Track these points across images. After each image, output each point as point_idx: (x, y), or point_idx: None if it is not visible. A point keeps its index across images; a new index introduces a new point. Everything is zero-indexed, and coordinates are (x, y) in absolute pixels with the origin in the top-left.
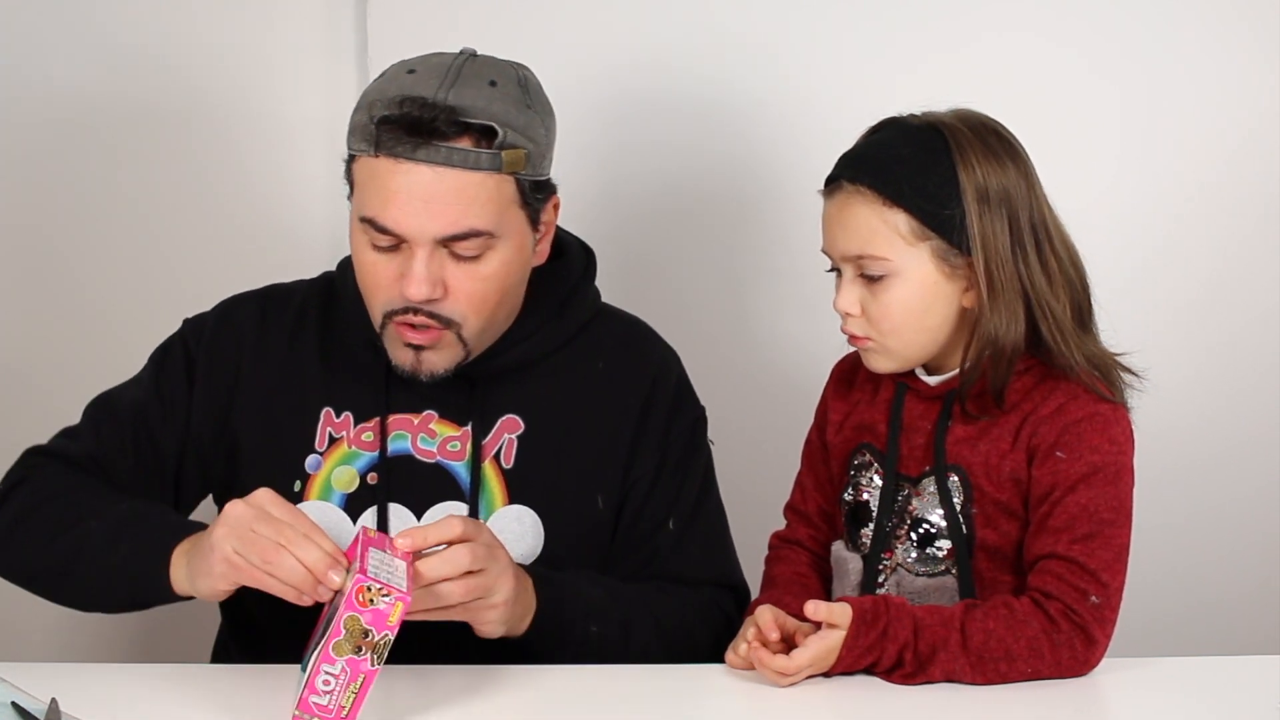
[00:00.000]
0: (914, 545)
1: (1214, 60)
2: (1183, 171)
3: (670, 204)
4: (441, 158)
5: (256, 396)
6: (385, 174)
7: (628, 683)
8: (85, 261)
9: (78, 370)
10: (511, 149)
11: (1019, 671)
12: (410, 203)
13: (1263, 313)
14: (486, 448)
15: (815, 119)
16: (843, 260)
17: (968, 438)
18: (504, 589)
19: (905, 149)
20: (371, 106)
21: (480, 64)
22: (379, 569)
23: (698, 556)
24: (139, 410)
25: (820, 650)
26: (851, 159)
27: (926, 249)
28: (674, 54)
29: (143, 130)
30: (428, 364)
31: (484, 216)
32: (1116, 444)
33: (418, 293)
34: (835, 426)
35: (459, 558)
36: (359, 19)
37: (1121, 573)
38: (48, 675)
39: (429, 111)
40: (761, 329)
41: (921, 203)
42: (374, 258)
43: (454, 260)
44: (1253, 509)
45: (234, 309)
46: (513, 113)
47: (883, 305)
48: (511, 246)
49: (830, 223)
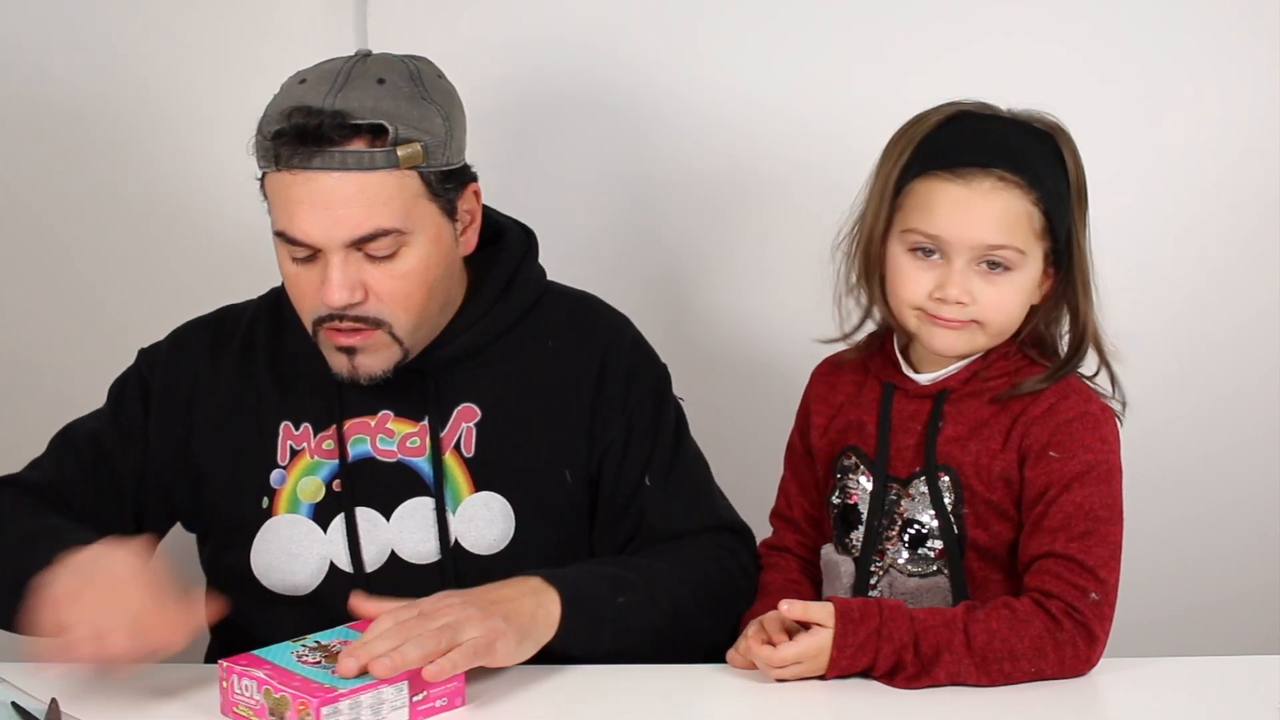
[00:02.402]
0: (905, 546)
1: (1213, 60)
2: (1181, 171)
3: (670, 201)
4: (337, 163)
5: (214, 421)
6: (287, 187)
7: (628, 682)
8: (84, 260)
9: (77, 368)
10: (406, 144)
11: (1023, 671)
12: (314, 211)
13: (1262, 312)
14: (446, 439)
15: (814, 115)
16: (970, 247)
17: (958, 437)
18: (471, 626)
19: (1039, 146)
20: (267, 122)
21: (371, 63)
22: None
23: (683, 508)
24: (96, 440)
25: (809, 647)
26: (991, 148)
27: (1042, 248)
28: (674, 52)
29: (142, 129)
30: (363, 367)
31: (389, 215)
32: (1107, 443)
33: (337, 299)
34: (819, 430)
35: (377, 626)
36: (359, 19)
37: (1117, 570)
38: (48, 675)
39: (315, 118)
40: (760, 325)
41: (1054, 202)
42: (296, 270)
43: (370, 261)
44: (1253, 508)
45: (185, 337)
46: (404, 107)
47: (999, 297)
48: (426, 240)
49: (964, 208)
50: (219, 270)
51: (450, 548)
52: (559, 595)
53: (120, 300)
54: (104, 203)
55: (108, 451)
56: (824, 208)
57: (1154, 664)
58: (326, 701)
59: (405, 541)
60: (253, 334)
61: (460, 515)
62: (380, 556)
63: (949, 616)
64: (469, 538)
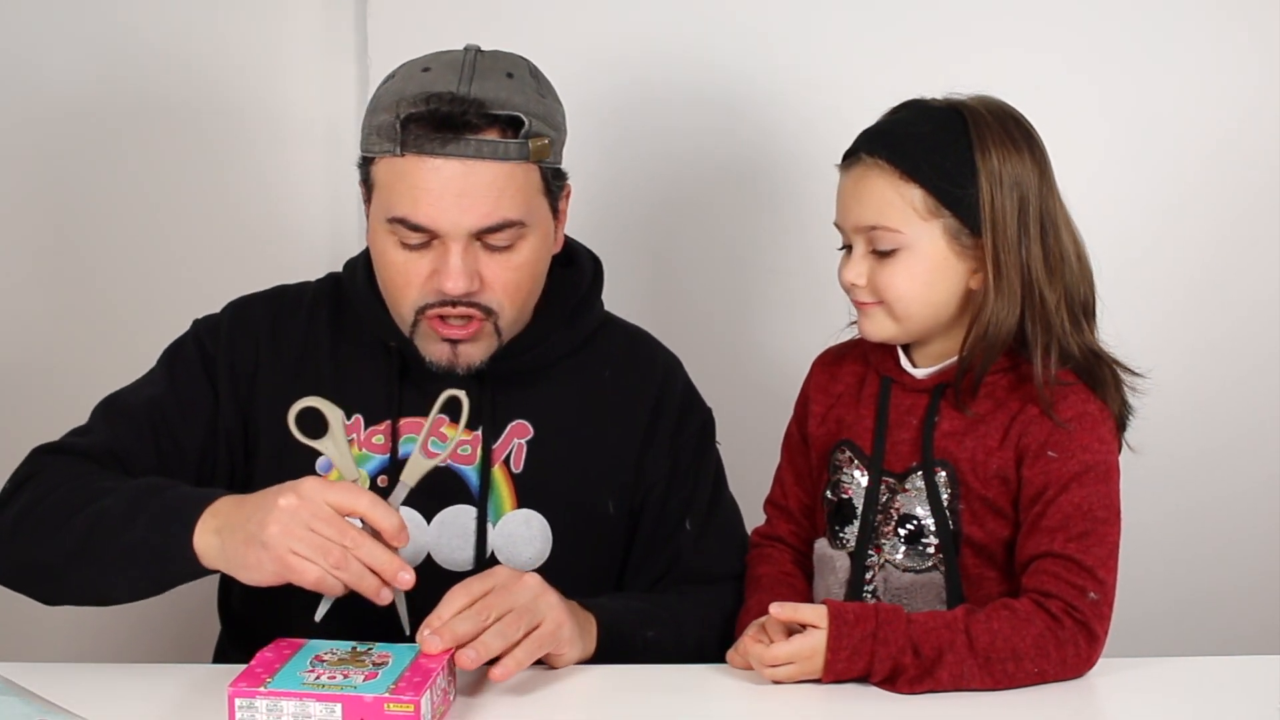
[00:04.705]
0: (901, 541)
1: (1199, 55)
2: (1171, 168)
3: (674, 200)
4: (471, 151)
5: (273, 395)
6: (414, 172)
7: (628, 682)
8: (88, 258)
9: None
10: (537, 138)
11: (1025, 672)
12: (443, 198)
13: (1255, 309)
14: (496, 452)
15: (823, 115)
16: (855, 232)
17: (955, 432)
18: (548, 612)
19: (924, 127)
20: (396, 106)
21: (491, 57)
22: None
23: (718, 553)
24: (156, 407)
25: (802, 647)
26: (870, 134)
27: (939, 226)
28: (675, 50)
29: (142, 129)
30: (465, 356)
31: (515, 206)
32: (1105, 443)
33: (456, 287)
34: (817, 418)
35: (454, 601)
36: (359, 19)
37: (1115, 569)
38: (48, 675)
39: (457, 106)
40: (766, 327)
41: (937, 179)
42: (403, 256)
43: (487, 252)
44: (1252, 508)
45: (245, 309)
46: (533, 102)
47: (889, 276)
48: (539, 235)
49: (845, 195)
50: (221, 268)
51: (486, 559)
52: (596, 620)
53: (122, 296)
54: (104, 202)
55: (169, 420)
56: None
57: (1154, 664)
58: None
59: (443, 547)
60: (314, 316)
61: (500, 529)
62: (416, 558)
63: (948, 618)
64: (505, 552)
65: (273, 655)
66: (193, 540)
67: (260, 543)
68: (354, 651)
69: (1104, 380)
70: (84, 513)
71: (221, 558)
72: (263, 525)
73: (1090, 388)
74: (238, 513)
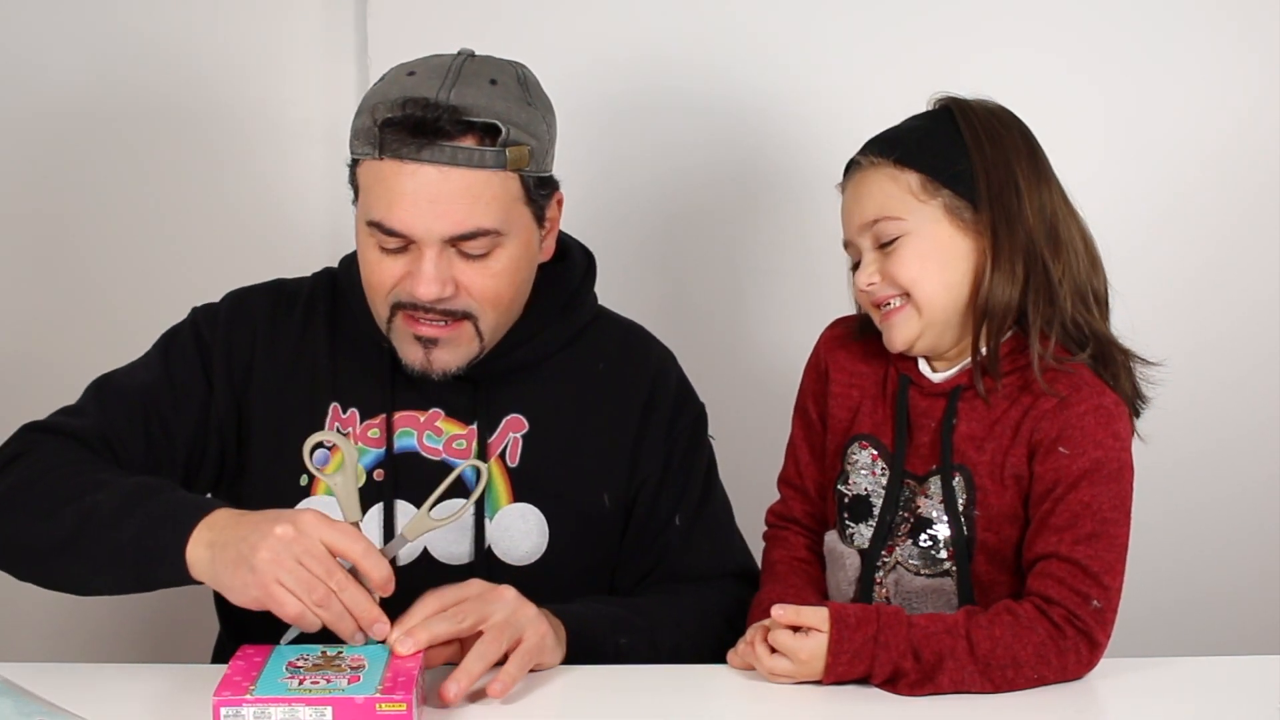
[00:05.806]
0: (915, 545)
1: (1199, 56)
2: (1170, 168)
3: (670, 203)
4: (446, 157)
5: (269, 387)
6: (391, 176)
7: (628, 682)
8: (89, 258)
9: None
10: (515, 146)
11: (1025, 678)
12: (417, 204)
13: (1255, 309)
14: (492, 446)
15: (817, 118)
16: (860, 232)
17: (973, 436)
18: (529, 625)
19: (915, 123)
20: (374, 110)
21: (479, 63)
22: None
23: (707, 550)
24: (149, 393)
25: (801, 648)
26: (865, 143)
27: (939, 205)
28: (674, 53)
29: (143, 127)
30: (439, 362)
31: (490, 215)
32: (1120, 439)
33: (428, 292)
34: (838, 398)
35: (426, 606)
36: (359, 19)
37: (1121, 573)
38: (48, 675)
39: (432, 111)
40: (761, 328)
41: (930, 159)
42: (379, 257)
43: (462, 259)
44: (1252, 508)
45: (242, 300)
46: (514, 110)
47: (900, 263)
48: (519, 243)
49: (847, 202)
50: (220, 265)
51: (484, 553)
52: (565, 629)
53: (123, 293)
54: (104, 202)
55: (161, 408)
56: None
57: (1154, 664)
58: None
59: (440, 541)
60: (312, 309)
61: (497, 523)
62: (413, 552)
63: (950, 623)
64: (502, 546)
65: (245, 663)
66: (185, 550)
67: (249, 566)
68: (325, 655)
69: (1114, 363)
70: (75, 505)
71: (210, 571)
72: (254, 549)
73: (1100, 375)
74: (233, 530)
